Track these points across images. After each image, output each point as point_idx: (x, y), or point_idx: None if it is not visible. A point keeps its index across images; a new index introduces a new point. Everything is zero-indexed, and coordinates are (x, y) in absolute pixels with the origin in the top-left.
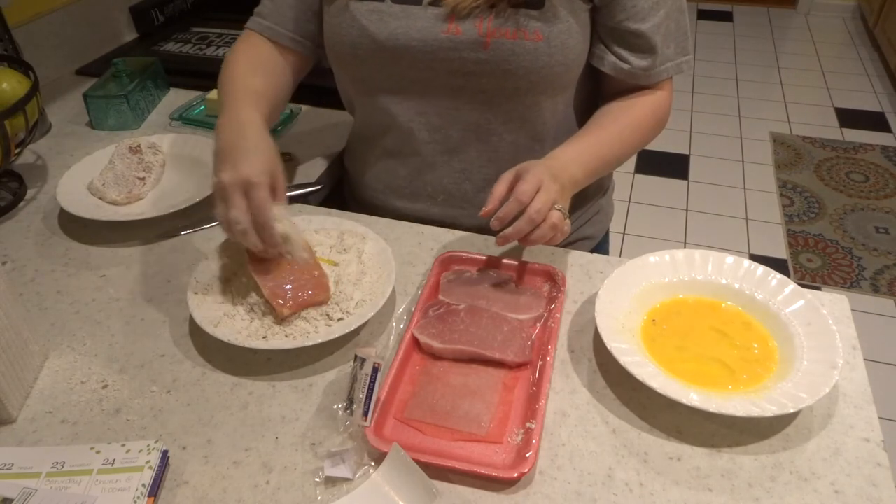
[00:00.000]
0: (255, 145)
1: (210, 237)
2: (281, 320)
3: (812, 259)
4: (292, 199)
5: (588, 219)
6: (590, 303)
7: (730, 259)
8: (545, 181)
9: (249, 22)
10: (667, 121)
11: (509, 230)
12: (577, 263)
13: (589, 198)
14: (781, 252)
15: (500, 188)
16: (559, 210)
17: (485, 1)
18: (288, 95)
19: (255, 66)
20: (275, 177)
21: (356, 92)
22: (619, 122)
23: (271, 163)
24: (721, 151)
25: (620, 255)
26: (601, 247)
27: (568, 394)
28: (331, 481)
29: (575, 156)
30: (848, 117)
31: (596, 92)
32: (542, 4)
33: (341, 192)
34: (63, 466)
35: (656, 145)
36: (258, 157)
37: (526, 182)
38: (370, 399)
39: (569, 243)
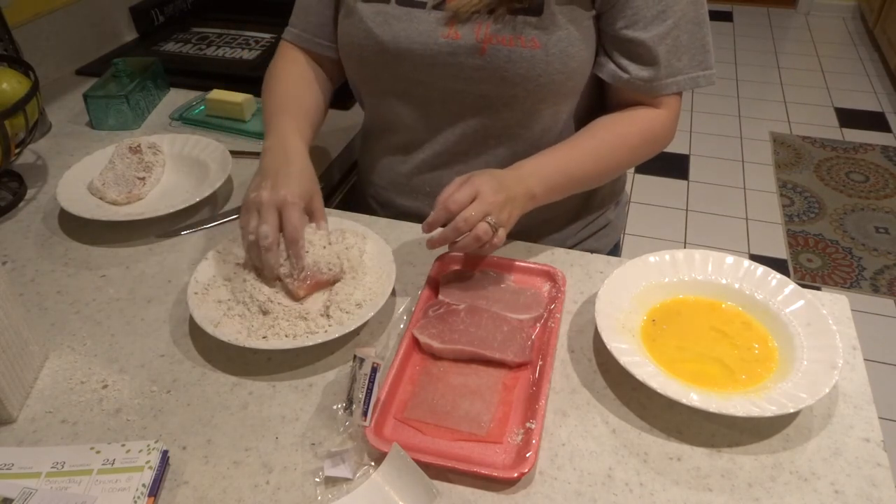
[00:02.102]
0: (298, 170)
1: (210, 237)
2: (297, 300)
3: (812, 259)
4: None
5: (593, 232)
6: (590, 303)
7: (730, 259)
8: (483, 191)
9: (284, 33)
10: (665, 142)
11: (436, 236)
12: (577, 263)
13: (594, 209)
14: (781, 252)
15: (444, 194)
16: (489, 223)
17: (485, 6)
18: (327, 105)
19: (296, 82)
20: (313, 202)
21: (364, 91)
22: (598, 137)
23: (311, 189)
24: (721, 151)
25: (620, 255)
26: None
27: (568, 394)
28: (331, 481)
29: (537, 169)
30: (848, 117)
31: (601, 103)
32: (541, 11)
33: (351, 189)
34: (63, 466)
35: None
36: (299, 182)
37: (461, 191)
38: (369, 399)
39: None
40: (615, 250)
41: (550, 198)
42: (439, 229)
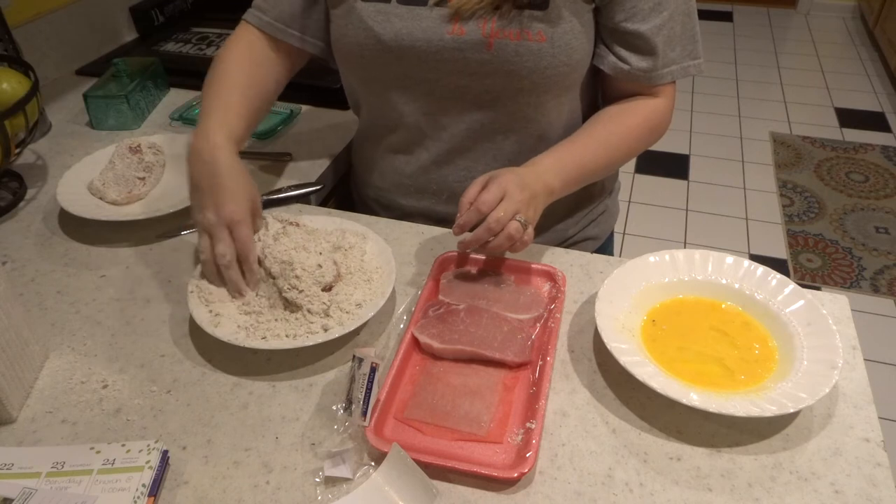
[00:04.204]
0: (232, 180)
1: None
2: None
3: (812, 259)
4: (292, 200)
5: (593, 219)
6: (590, 303)
7: (730, 259)
8: (510, 190)
9: (247, 14)
10: (664, 129)
11: (468, 237)
12: (577, 263)
13: (594, 198)
14: (781, 252)
15: (468, 195)
16: (519, 221)
17: (489, 2)
18: (276, 95)
19: (243, 71)
20: (254, 206)
21: (363, 92)
22: (607, 129)
23: (250, 194)
24: (721, 151)
25: (620, 255)
26: (606, 247)
27: (568, 394)
28: (331, 481)
29: (554, 164)
30: (848, 117)
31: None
32: (546, 5)
33: (348, 191)
34: (63, 466)
35: (656, 145)
36: (238, 194)
37: (489, 191)
38: (368, 399)
39: (574, 244)
40: (611, 237)
41: (567, 191)
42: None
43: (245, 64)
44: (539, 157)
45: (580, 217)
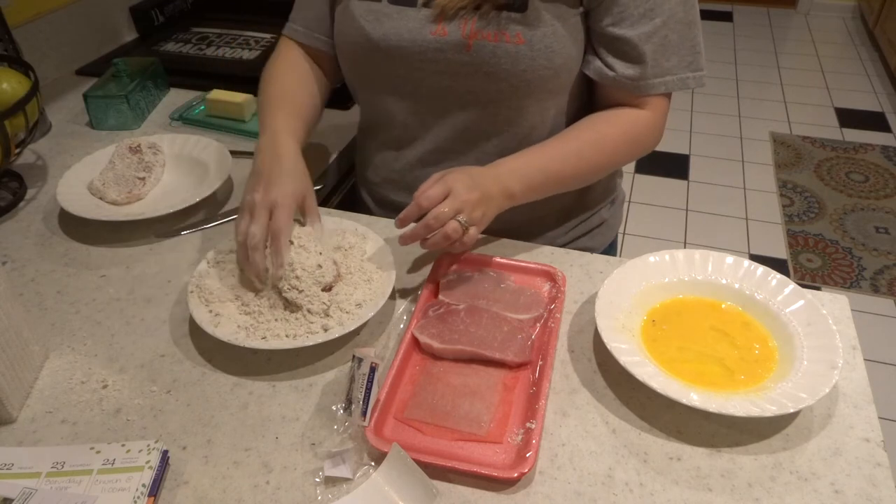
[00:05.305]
0: (289, 170)
1: (210, 237)
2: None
3: (812, 259)
4: None
5: (588, 230)
6: (590, 303)
7: (730, 259)
8: (456, 189)
9: (284, 28)
10: (650, 143)
11: (408, 231)
12: (577, 263)
13: (588, 207)
14: (781, 252)
15: (419, 190)
16: (459, 221)
17: (470, 2)
18: (323, 105)
19: (292, 82)
20: (306, 201)
21: (359, 89)
22: (581, 138)
23: (303, 188)
24: (721, 151)
25: (620, 255)
26: None
27: (568, 394)
28: (331, 481)
29: (518, 167)
30: (848, 117)
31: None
32: (524, 8)
33: (350, 190)
34: (63, 466)
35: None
36: (290, 182)
37: (434, 188)
38: (368, 399)
39: None
40: (611, 249)
41: (530, 197)
42: (412, 225)
43: (293, 78)
44: (504, 158)
45: (572, 226)
